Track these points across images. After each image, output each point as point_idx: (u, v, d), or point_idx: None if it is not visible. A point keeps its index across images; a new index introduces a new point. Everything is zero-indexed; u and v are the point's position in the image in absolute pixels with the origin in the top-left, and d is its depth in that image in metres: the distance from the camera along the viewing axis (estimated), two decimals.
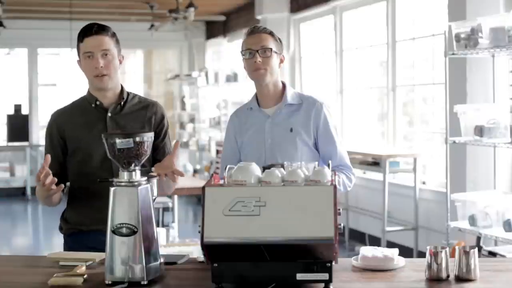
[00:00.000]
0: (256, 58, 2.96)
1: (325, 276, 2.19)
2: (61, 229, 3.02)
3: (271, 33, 3.01)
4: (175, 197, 6.65)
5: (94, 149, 2.89)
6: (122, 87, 3.02)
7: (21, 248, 8.28)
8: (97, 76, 2.90)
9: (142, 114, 3.00)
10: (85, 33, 2.89)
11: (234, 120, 3.15)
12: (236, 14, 11.24)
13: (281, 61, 3.04)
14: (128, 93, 3.03)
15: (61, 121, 2.99)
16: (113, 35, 2.93)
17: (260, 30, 3.01)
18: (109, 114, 2.96)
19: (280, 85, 3.06)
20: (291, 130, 3.00)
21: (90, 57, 2.88)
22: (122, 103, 2.99)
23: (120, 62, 2.96)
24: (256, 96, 3.10)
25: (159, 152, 2.98)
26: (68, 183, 2.99)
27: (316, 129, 3.01)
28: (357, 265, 2.51)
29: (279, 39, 3.05)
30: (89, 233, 2.89)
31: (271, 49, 2.96)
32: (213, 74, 11.39)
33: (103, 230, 2.37)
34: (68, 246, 2.99)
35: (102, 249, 2.39)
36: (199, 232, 2.21)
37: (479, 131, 4.66)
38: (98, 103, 2.97)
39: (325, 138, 3.02)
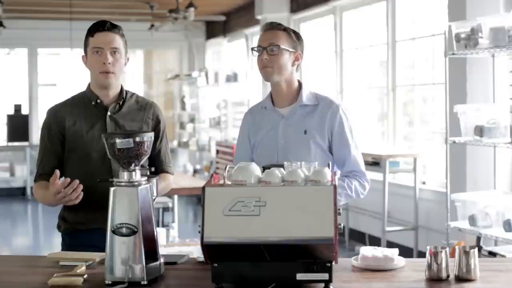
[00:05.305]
0: (263, 55, 2.89)
1: (325, 276, 2.19)
2: (59, 227, 3.02)
3: (285, 29, 2.92)
4: (175, 197, 6.65)
5: (93, 147, 2.89)
6: (121, 86, 3.02)
7: (21, 248, 8.28)
8: (103, 73, 2.89)
9: (140, 115, 3.00)
10: (97, 28, 2.89)
11: (248, 119, 3.08)
12: (236, 14, 11.24)
13: (297, 59, 2.93)
14: (127, 92, 3.03)
15: (61, 116, 2.97)
16: (123, 35, 2.94)
17: (274, 26, 2.93)
18: (109, 113, 2.96)
19: (296, 84, 2.98)
20: (305, 132, 2.92)
21: (99, 53, 2.87)
22: (121, 102, 2.99)
23: (125, 64, 2.96)
24: (271, 95, 3.02)
25: (155, 153, 2.98)
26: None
27: (330, 132, 2.93)
28: (357, 265, 2.51)
29: (297, 36, 2.95)
30: (88, 231, 2.89)
31: (278, 46, 2.87)
32: (213, 74, 11.39)
33: (101, 229, 2.37)
34: (66, 244, 2.99)
35: (101, 247, 2.39)
36: (199, 232, 2.20)
37: (479, 131, 4.66)
38: (98, 101, 2.97)
39: (339, 142, 2.93)
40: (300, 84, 3.00)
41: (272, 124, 2.98)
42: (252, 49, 2.94)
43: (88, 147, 2.91)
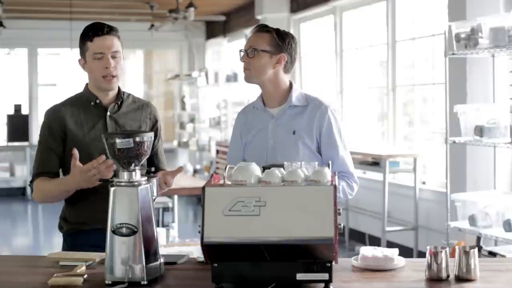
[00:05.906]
0: (243, 58, 2.95)
1: (325, 276, 2.19)
2: (61, 228, 3.01)
3: (269, 32, 2.94)
4: (175, 197, 6.65)
5: (95, 148, 2.88)
6: (118, 86, 3.02)
7: (21, 248, 8.28)
8: (106, 77, 2.89)
9: (138, 114, 3.01)
10: (95, 32, 2.87)
11: (241, 119, 3.12)
12: (236, 14, 11.24)
13: (279, 61, 2.94)
14: (123, 92, 3.03)
15: (61, 116, 2.95)
16: (119, 36, 2.93)
17: (258, 29, 2.97)
18: (108, 113, 2.96)
19: (285, 85, 3.00)
20: (294, 132, 2.94)
21: (100, 58, 2.87)
22: (119, 102, 2.99)
23: None
24: (262, 95, 3.05)
25: (154, 153, 2.98)
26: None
27: (319, 132, 2.94)
28: (357, 265, 2.51)
29: (283, 38, 2.95)
30: (90, 232, 2.89)
31: (256, 49, 2.91)
32: (213, 74, 11.39)
33: (103, 229, 2.37)
34: (68, 245, 2.98)
35: (103, 247, 2.39)
36: (199, 232, 2.21)
37: (479, 131, 4.66)
38: (97, 101, 2.97)
39: (327, 143, 2.94)
40: (291, 85, 3.02)
41: (262, 124, 3.01)
42: (240, 51, 2.99)
43: (90, 147, 2.90)
